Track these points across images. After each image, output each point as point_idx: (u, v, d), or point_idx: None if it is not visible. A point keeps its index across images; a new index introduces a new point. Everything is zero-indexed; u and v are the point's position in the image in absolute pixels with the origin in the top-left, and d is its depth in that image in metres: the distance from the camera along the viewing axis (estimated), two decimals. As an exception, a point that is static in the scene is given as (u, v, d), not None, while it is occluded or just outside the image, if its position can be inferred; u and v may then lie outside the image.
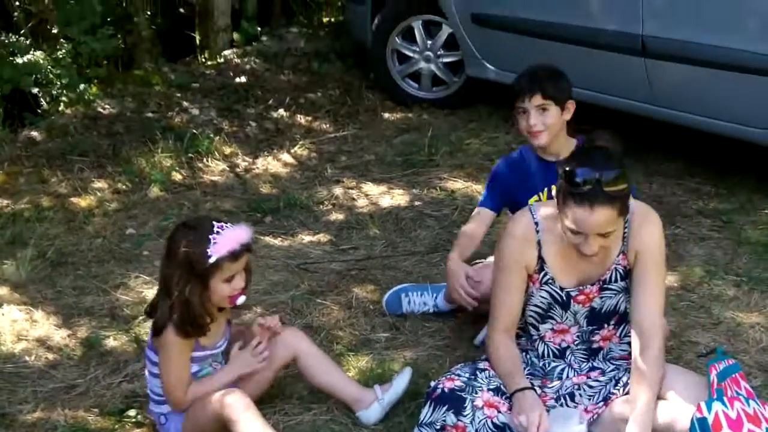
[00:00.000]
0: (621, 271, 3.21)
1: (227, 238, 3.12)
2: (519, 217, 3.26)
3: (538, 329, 3.32)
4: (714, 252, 4.64)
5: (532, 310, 3.29)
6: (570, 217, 2.97)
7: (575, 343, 3.31)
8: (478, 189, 5.34)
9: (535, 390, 3.11)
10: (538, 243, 3.19)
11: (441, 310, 4.12)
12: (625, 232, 3.17)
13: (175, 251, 3.16)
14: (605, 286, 3.22)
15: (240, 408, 3.12)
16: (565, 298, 3.23)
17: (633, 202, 3.17)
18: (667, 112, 5.28)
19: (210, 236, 3.11)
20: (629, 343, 3.30)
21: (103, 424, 3.49)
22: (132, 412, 3.53)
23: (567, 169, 2.97)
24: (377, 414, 3.42)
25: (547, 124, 3.73)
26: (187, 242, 3.14)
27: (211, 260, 3.10)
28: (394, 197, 5.37)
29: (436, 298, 4.13)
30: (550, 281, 3.22)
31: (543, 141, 3.77)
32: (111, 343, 3.99)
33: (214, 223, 3.15)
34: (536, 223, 3.19)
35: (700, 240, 4.76)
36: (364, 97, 6.68)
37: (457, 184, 5.48)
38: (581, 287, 3.22)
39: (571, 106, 3.79)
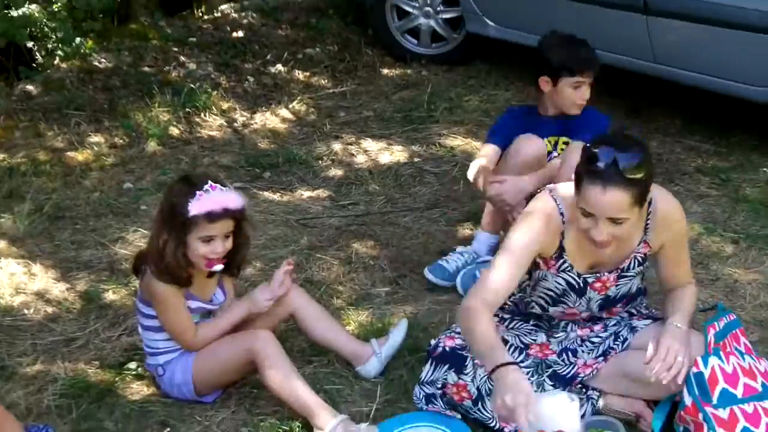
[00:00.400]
0: (640, 258, 3.18)
1: (211, 198, 3.11)
2: (545, 202, 3.11)
3: (547, 310, 3.29)
4: (712, 209, 4.64)
5: (544, 293, 3.24)
6: (583, 196, 2.90)
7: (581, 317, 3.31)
8: (477, 145, 5.32)
9: (519, 366, 2.88)
10: (562, 234, 3.10)
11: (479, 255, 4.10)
12: (647, 223, 3.10)
13: (166, 199, 3.22)
14: (623, 274, 3.19)
15: (272, 345, 3.21)
16: (582, 284, 3.18)
17: (657, 193, 3.09)
18: (668, 69, 5.25)
19: (197, 191, 3.11)
20: (629, 313, 3.33)
21: (103, 376, 3.50)
22: (132, 365, 3.54)
23: (589, 147, 2.90)
24: (376, 368, 3.43)
25: (587, 98, 4.04)
26: (176, 192, 3.17)
27: (189, 214, 3.10)
28: (393, 153, 5.35)
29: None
30: (569, 269, 3.15)
31: (576, 112, 4.03)
32: (110, 296, 3.99)
33: (210, 182, 3.15)
34: (561, 213, 3.08)
35: (698, 197, 4.76)
36: (363, 53, 6.63)
37: (457, 141, 5.46)
38: (598, 274, 3.17)
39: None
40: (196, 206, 3.09)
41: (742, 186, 4.88)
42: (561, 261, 3.14)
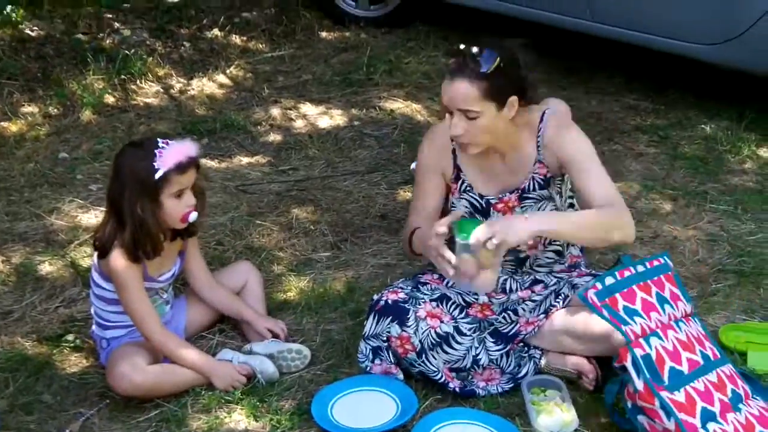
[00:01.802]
0: (540, 180, 3.22)
1: (173, 150, 3.08)
2: (438, 125, 3.30)
3: None
4: (651, 167, 4.68)
5: None
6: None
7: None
8: (418, 108, 5.31)
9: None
10: (453, 151, 3.24)
11: None
12: (538, 141, 3.19)
13: (122, 170, 3.12)
14: (524, 195, 3.24)
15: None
16: (485, 205, 3.26)
17: (549, 111, 3.21)
18: (607, 28, 5.25)
19: (156, 150, 3.06)
20: (554, 251, 3.35)
21: (40, 349, 3.44)
22: (70, 337, 3.48)
23: (451, 47, 3.09)
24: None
25: None
26: (134, 159, 3.10)
27: (159, 174, 3.05)
28: (332, 117, 5.30)
29: None
30: (468, 188, 3.26)
31: None
32: (46, 268, 3.92)
33: (159, 140, 3.11)
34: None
35: (637, 156, 4.79)
36: (301, 16, 6.55)
37: (397, 104, 5.43)
38: (501, 196, 3.24)
39: None
40: (163, 162, 3.05)
41: (681, 143, 4.92)
42: (460, 182, 3.27)
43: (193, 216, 3.18)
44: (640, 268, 3.03)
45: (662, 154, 4.81)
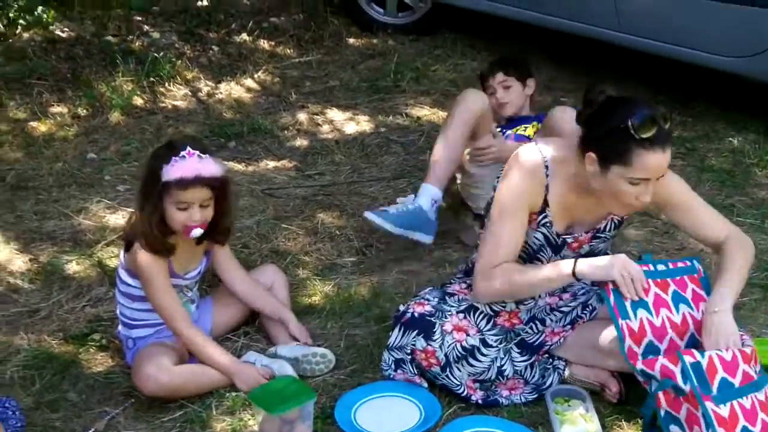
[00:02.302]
0: (617, 221, 3.18)
1: (184, 165, 3.06)
2: (530, 154, 3.08)
3: None
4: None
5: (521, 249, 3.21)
6: (638, 166, 2.85)
7: None
8: (444, 115, 5.30)
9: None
10: (546, 187, 3.08)
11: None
12: None
13: (147, 163, 3.19)
14: (597, 234, 3.19)
15: None
16: (560, 243, 3.17)
17: None
18: (635, 39, 5.25)
19: (173, 157, 3.07)
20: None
21: (66, 347, 3.47)
22: (96, 336, 3.50)
23: (631, 119, 2.82)
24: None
25: (511, 99, 4.29)
26: (155, 156, 3.15)
27: (162, 180, 3.07)
28: (359, 123, 5.32)
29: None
30: (548, 224, 3.13)
31: (508, 112, 4.30)
32: (73, 267, 3.95)
33: (190, 148, 3.09)
34: (546, 166, 3.06)
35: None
36: (329, 22, 6.58)
37: (423, 111, 5.44)
38: (576, 234, 3.17)
39: (532, 83, 4.35)
40: (168, 172, 3.06)
41: (708, 156, 4.91)
42: (542, 216, 3.12)
43: (196, 233, 3.16)
44: (661, 267, 3.01)
45: (689, 167, 4.79)
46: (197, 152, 3.10)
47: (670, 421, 2.81)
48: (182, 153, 3.07)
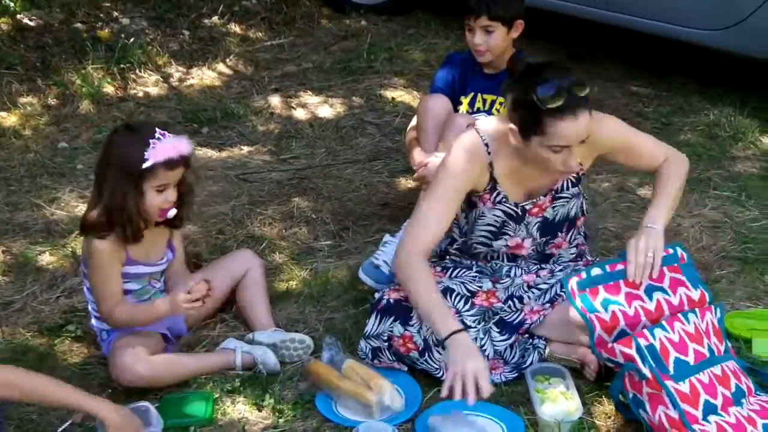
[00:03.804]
0: (572, 179, 3.19)
1: (167, 145, 3.03)
2: (469, 138, 3.14)
3: (491, 246, 3.28)
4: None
5: (484, 230, 3.24)
6: (554, 135, 2.90)
7: (529, 254, 3.30)
8: (419, 95, 5.28)
9: (468, 332, 2.99)
10: (490, 164, 3.12)
11: None
12: None
13: (112, 150, 3.09)
14: (557, 195, 3.20)
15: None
16: (520, 212, 3.20)
17: None
18: (618, 16, 5.23)
19: (150, 140, 3.02)
20: (577, 245, 3.34)
21: (42, 339, 3.43)
22: (71, 327, 3.47)
23: (536, 91, 2.87)
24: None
25: (491, 45, 3.79)
26: (126, 143, 3.06)
27: (147, 164, 3.01)
28: (333, 105, 5.28)
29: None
30: (504, 200, 3.17)
31: (486, 59, 3.83)
32: (47, 258, 3.90)
33: (157, 129, 3.06)
34: (486, 144, 3.11)
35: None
36: (301, 4, 6.53)
37: (397, 91, 5.41)
38: (534, 200, 3.19)
39: (519, 25, 3.81)
40: (154, 154, 3.00)
41: (683, 130, 4.91)
42: (495, 193, 3.17)
43: (172, 212, 3.14)
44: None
45: (665, 141, 4.74)
46: (166, 132, 3.07)
47: (638, 405, 2.83)
48: (157, 134, 3.03)
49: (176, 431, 2.98)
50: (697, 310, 2.96)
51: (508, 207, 3.18)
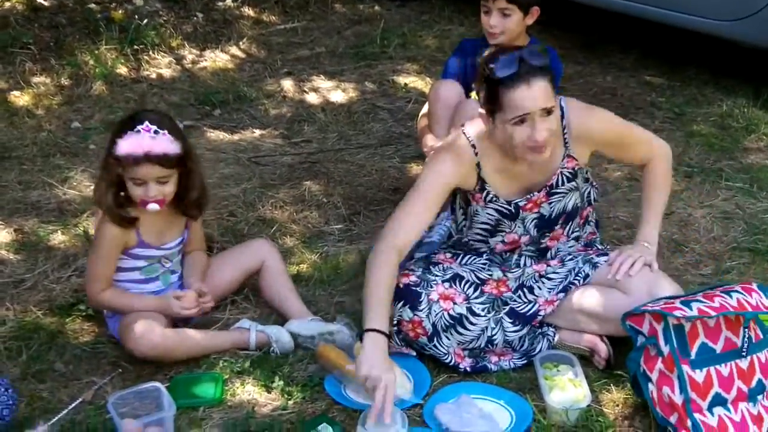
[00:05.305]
0: (567, 174, 3.17)
1: (134, 140, 3.01)
2: (455, 139, 3.16)
3: (487, 242, 3.28)
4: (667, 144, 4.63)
5: (480, 227, 3.25)
6: (510, 107, 2.91)
7: (526, 246, 3.30)
8: (431, 81, 5.27)
9: (387, 336, 2.92)
10: (478, 165, 3.12)
11: None
12: (565, 137, 3.12)
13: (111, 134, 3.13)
14: (552, 191, 3.18)
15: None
16: (513, 209, 3.19)
17: (567, 106, 3.12)
18: (628, 4, 5.21)
19: (128, 131, 3.02)
20: (576, 238, 3.33)
21: (53, 318, 3.44)
22: (82, 306, 3.47)
23: (489, 66, 2.93)
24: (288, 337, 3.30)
25: (506, 28, 3.80)
26: (117, 128, 3.09)
27: (115, 153, 3.02)
28: (345, 90, 5.28)
29: None
30: (494, 198, 3.17)
31: (498, 41, 3.80)
32: (59, 237, 3.91)
33: (148, 122, 3.03)
34: (473, 146, 3.11)
35: (653, 132, 4.73)
36: (314, -12, 6.52)
37: (410, 77, 5.40)
38: (529, 196, 3.18)
39: (535, 12, 3.84)
40: (121, 146, 3.01)
41: (696, 120, 4.90)
42: (485, 193, 3.16)
43: (152, 207, 3.11)
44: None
45: (677, 131, 4.78)
46: (154, 128, 3.03)
47: (647, 379, 2.83)
48: (138, 127, 3.02)
49: (186, 412, 2.99)
50: (742, 290, 2.92)
51: (500, 205, 3.18)
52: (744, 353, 2.81)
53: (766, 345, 2.88)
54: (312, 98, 5.20)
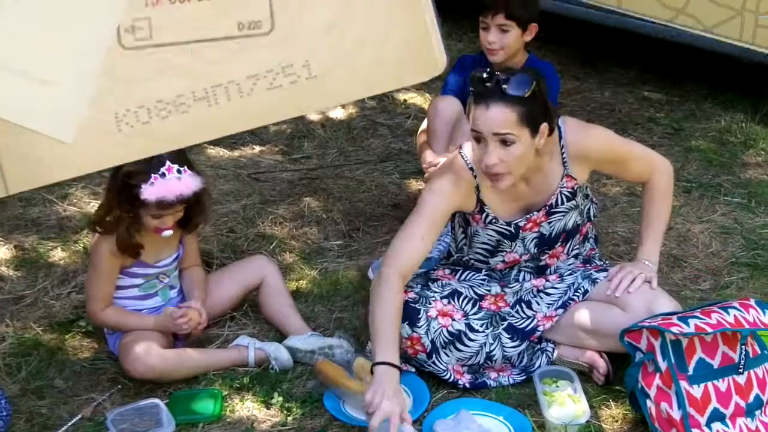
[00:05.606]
0: (567, 193, 3.16)
1: (165, 185, 3.00)
2: (453, 161, 3.16)
3: (488, 263, 3.29)
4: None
5: (480, 248, 3.25)
6: (471, 120, 2.94)
7: (525, 262, 3.29)
8: (431, 97, 5.29)
9: (401, 370, 2.89)
10: (477, 188, 3.12)
11: None
12: (564, 157, 3.11)
13: (121, 168, 3.04)
14: (552, 210, 3.17)
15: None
16: (513, 230, 3.18)
17: (561, 123, 3.10)
18: (628, 21, 5.21)
19: (153, 175, 2.99)
20: (576, 256, 3.33)
21: (52, 334, 3.44)
22: (82, 323, 3.48)
23: (475, 75, 2.94)
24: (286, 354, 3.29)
25: (504, 44, 3.79)
26: (133, 168, 2.99)
27: (140, 197, 3.01)
28: (345, 106, 5.29)
29: None
30: (494, 221, 3.17)
31: (498, 59, 3.80)
32: (58, 254, 3.92)
33: (169, 163, 3.00)
34: (471, 168, 3.09)
35: (651, 148, 4.69)
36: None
37: (409, 93, 5.42)
38: (528, 216, 3.17)
39: (533, 28, 3.83)
40: (148, 192, 2.99)
41: (695, 135, 4.91)
42: (484, 215, 3.16)
43: (167, 233, 3.16)
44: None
45: (676, 146, 4.79)
46: (176, 167, 3.02)
47: (644, 395, 2.83)
48: (162, 169, 2.99)
49: (185, 428, 3.00)
50: (740, 306, 2.92)
51: (499, 227, 3.18)
52: (741, 369, 2.82)
53: (764, 360, 2.89)
54: (312, 114, 5.21)
